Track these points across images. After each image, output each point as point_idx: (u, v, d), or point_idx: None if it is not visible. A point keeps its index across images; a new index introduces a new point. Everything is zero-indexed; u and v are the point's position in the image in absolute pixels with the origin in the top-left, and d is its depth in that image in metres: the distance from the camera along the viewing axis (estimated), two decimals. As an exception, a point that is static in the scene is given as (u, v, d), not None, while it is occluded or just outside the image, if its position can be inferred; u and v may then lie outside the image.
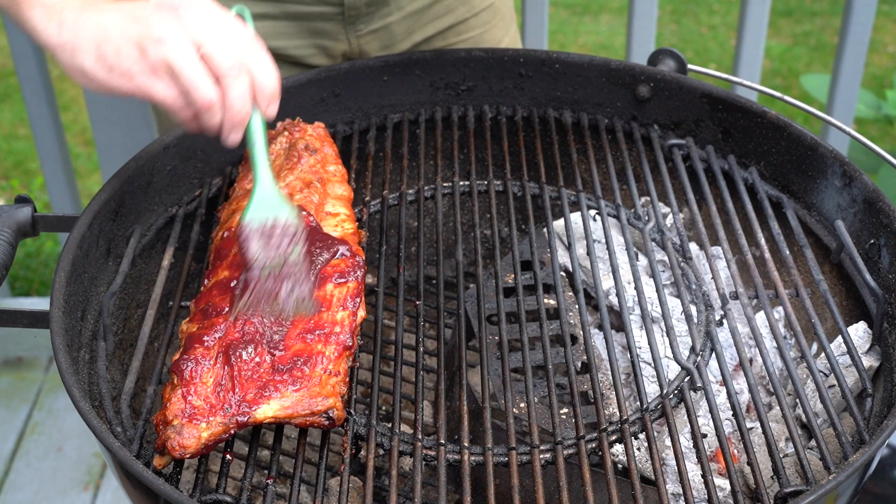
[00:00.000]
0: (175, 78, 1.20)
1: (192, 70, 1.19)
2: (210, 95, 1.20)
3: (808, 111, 1.71)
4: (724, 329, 1.43)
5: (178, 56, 1.19)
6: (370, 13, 1.79)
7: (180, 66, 1.19)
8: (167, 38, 1.19)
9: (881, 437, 1.17)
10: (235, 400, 1.17)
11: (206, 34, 1.20)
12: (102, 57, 1.20)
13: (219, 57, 1.20)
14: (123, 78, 1.21)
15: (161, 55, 1.19)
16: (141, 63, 1.20)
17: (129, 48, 1.19)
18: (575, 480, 1.21)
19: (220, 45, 1.20)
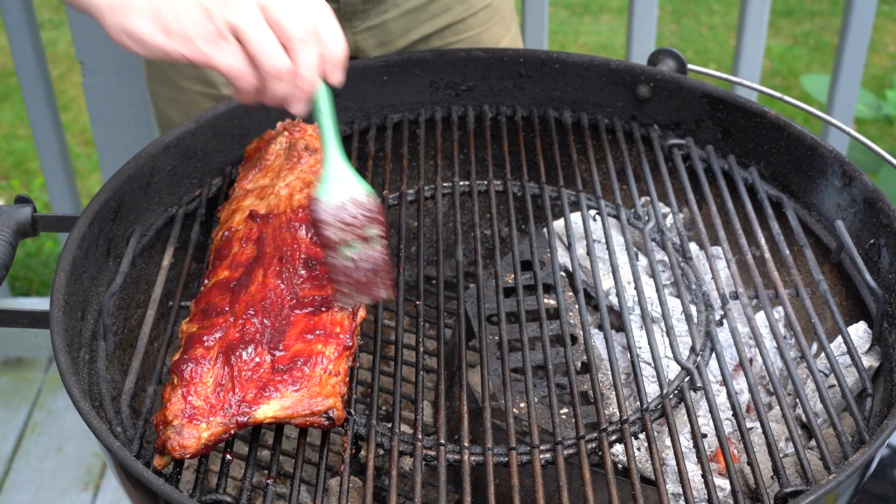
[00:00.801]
0: (243, 43, 1.12)
1: (262, 35, 1.11)
2: (282, 62, 1.12)
3: (808, 111, 1.71)
4: (724, 329, 1.43)
5: (246, 20, 1.11)
6: (366, 10, 1.79)
7: (249, 30, 1.11)
8: (234, 1, 1.11)
9: (881, 437, 1.17)
10: (235, 400, 1.17)
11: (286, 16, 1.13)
12: (160, 19, 1.12)
13: (289, 22, 1.12)
14: (183, 42, 1.12)
15: (228, 18, 1.10)
16: (204, 26, 1.11)
17: (191, 9, 1.11)
18: (575, 480, 1.21)
19: (290, 9, 1.12)
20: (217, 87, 1.81)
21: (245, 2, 1.11)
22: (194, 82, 1.83)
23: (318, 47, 1.14)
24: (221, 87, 1.81)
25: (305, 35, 1.13)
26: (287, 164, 1.45)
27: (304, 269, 1.30)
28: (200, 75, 1.81)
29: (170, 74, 1.86)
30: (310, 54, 1.14)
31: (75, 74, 4.41)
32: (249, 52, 1.12)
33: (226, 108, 1.60)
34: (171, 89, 1.90)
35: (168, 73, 1.86)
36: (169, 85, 1.90)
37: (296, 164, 1.45)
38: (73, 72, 4.56)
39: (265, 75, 1.13)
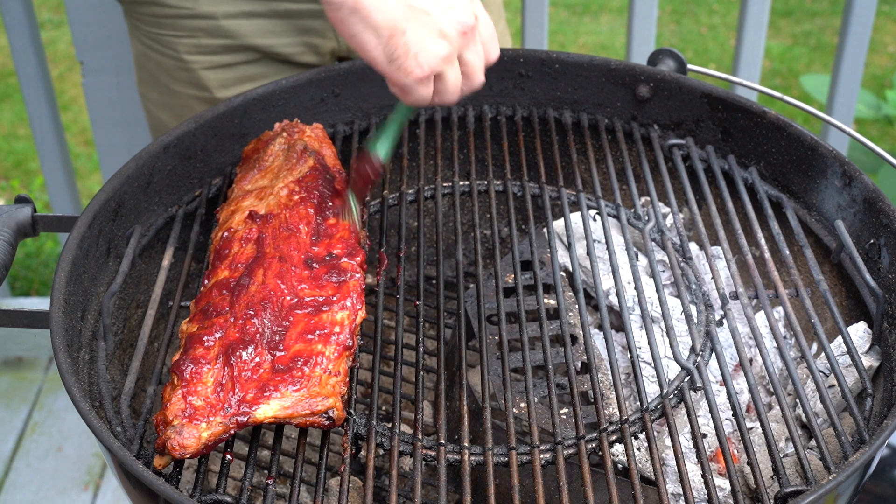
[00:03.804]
0: (438, 86, 1.27)
1: (454, 84, 1.28)
2: (455, 99, 1.29)
3: (808, 111, 1.71)
4: (724, 329, 1.43)
5: (450, 73, 1.26)
6: None
7: (448, 80, 1.27)
8: (450, 56, 1.25)
9: (881, 437, 1.17)
10: (235, 400, 1.17)
11: (474, 57, 1.28)
12: (391, 47, 1.24)
13: (475, 78, 1.29)
14: (399, 71, 1.25)
15: (439, 68, 1.25)
16: (422, 69, 1.24)
17: (420, 49, 1.23)
18: (575, 480, 1.21)
19: (479, 67, 1.29)
20: (210, 91, 1.81)
21: (455, 56, 1.26)
22: (187, 86, 1.83)
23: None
24: (214, 91, 1.81)
25: (479, 84, 1.30)
26: (286, 164, 1.45)
27: (304, 269, 1.30)
28: (192, 79, 1.81)
29: (161, 78, 1.86)
30: (470, 91, 1.31)
31: (75, 74, 4.41)
32: (437, 89, 1.28)
33: (226, 109, 1.60)
34: (163, 93, 1.89)
35: (159, 76, 1.86)
36: (161, 89, 1.89)
37: (295, 165, 1.45)
38: (73, 72, 4.56)
39: (433, 102, 1.29)
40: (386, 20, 1.23)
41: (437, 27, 1.24)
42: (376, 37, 1.24)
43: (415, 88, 1.26)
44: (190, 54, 1.79)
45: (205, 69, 1.80)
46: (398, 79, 1.26)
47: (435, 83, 1.27)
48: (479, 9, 1.29)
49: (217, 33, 1.76)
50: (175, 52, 1.79)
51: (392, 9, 1.23)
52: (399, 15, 1.23)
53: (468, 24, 1.26)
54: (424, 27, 1.23)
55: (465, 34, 1.26)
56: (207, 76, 1.80)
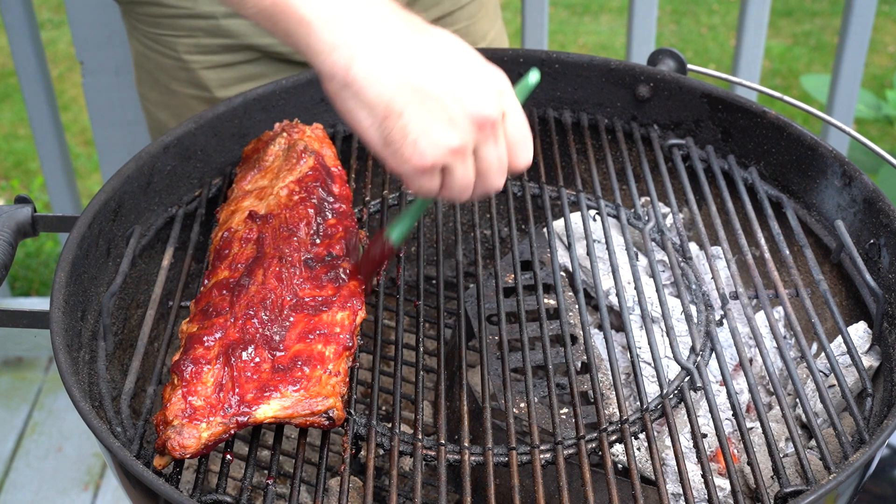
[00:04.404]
0: (445, 180, 1.11)
1: (466, 182, 1.12)
2: (466, 197, 1.14)
3: (808, 111, 1.71)
4: (724, 329, 1.43)
5: (460, 170, 1.10)
6: None
7: (457, 178, 1.11)
8: (462, 150, 1.08)
9: (881, 437, 1.17)
10: (235, 400, 1.17)
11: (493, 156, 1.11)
12: (386, 129, 1.07)
13: (491, 180, 1.13)
14: (395, 157, 1.09)
15: (446, 161, 1.09)
16: (423, 159, 1.08)
17: (422, 139, 1.07)
18: (575, 480, 1.21)
19: (499, 170, 1.12)
20: (210, 91, 1.81)
21: (468, 151, 1.09)
22: (186, 86, 1.83)
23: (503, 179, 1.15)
24: (214, 91, 1.81)
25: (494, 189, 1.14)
26: (286, 164, 1.45)
27: (304, 269, 1.30)
28: (192, 79, 1.81)
29: (160, 78, 1.86)
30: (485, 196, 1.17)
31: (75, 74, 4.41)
32: (444, 187, 1.12)
33: (226, 109, 1.60)
34: (163, 93, 1.89)
35: (159, 77, 1.86)
36: (160, 89, 1.89)
37: (295, 165, 1.45)
38: (73, 72, 4.56)
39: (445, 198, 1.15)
40: (380, 98, 1.06)
41: (446, 113, 1.07)
42: (370, 115, 1.07)
43: (416, 179, 1.10)
44: (189, 54, 1.79)
45: (204, 69, 1.80)
46: (395, 165, 1.10)
47: (443, 177, 1.11)
48: (510, 105, 1.12)
49: (216, 33, 1.76)
50: (174, 51, 1.79)
51: (389, 86, 1.06)
52: (397, 94, 1.06)
53: (487, 116, 1.08)
54: (429, 111, 1.06)
55: (481, 127, 1.08)
56: (207, 76, 1.80)
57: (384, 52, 1.06)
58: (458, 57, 1.10)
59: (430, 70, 1.07)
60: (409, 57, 1.07)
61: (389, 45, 1.07)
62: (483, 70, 1.11)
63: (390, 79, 1.06)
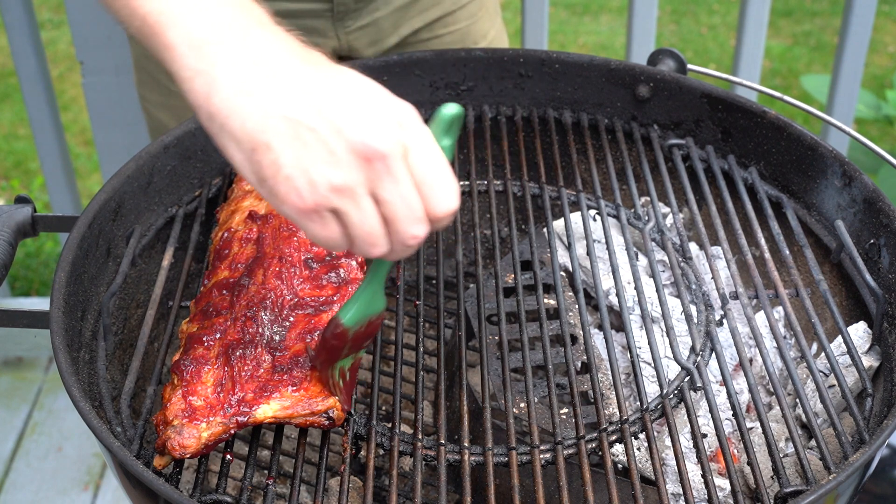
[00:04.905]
0: (342, 226, 0.96)
1: (369, 228, 0.95)
2: (382, 252, 0.97)
3: (808, 111, 1.71)
4: (724, 329, 1.43)
5: (354, 211, 0.94)
6: (359, 9, 1.79)
7: (354, 221, 0.95)
8: (349, 188, 0.93)
9: (881, 437, 1.17)
10: (235, 400, 1.17)
11: (396, 197, 0.94)
12: (256, 165, 0.94)
13: (402, 227, 0.95)
14: (273, 199, 0.95)
15: (333, 204, 0.94)
16: (303, 200, 0.94)
17: (296, 174, 0.93)
18: (575, 480, 1.21)
19: (407, 216, 0.95)
20: None
21: (360, 190, 0.94)
22: None
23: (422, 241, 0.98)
24: None
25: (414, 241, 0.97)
26: (287, 164, 1.45)
27: (304, 269, 1.30)
28: None
29: (161, 79, 1.85)
30: (412, 250, 0.99)
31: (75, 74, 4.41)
32: (345, 235, 0.97)
33: (226, 108, 1.60)
34: (163, 94, 1.89)
35: (159, 77, 1.86)
36: (160, 90, 1.89)
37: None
38: (73, 72, 4.56)
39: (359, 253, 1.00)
40: (243, 129, 0.93)
41: (324, 146, 0.92)
42: (239, 149, 0.94)
43: (303, 223, 0.95)
44: None
45: None
46: (276, 207, 0.96)
47: (341, 224, 0.96)
48: (416, 139, 0.95)
49: None
50: None
51: (253, 116, 0.93)
52: (264, 125, 0.92)
53: (374, 148, 0.92)
54: (303, 144, 0.92)
55: (368, 161, 0.92)
56: None
57: (250, 81, 0.94)
58: (347, 88, 0.95)
59: (306, 100, 0.94)
60: (282, 86, 0.94)
61: (258, 74, 0.94)
62: (379, 101, 0.96)
63: (255, 108, 0.93)
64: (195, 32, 0.96)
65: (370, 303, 1.14)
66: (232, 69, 0.94)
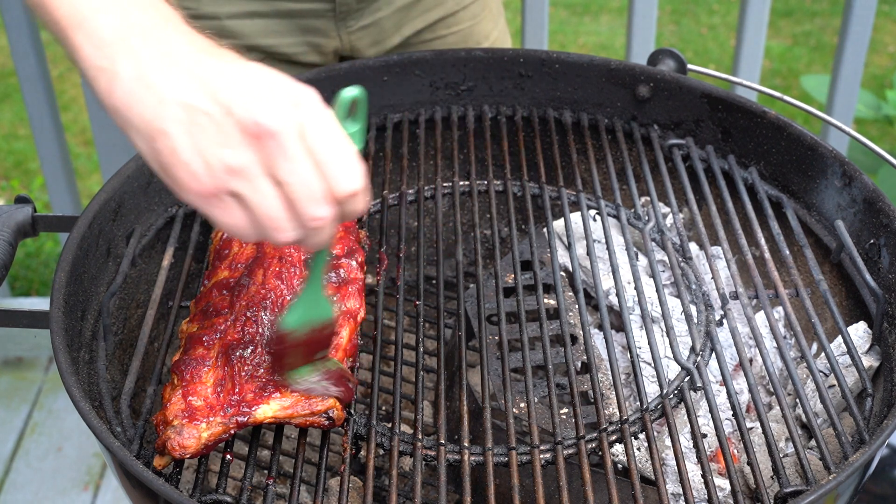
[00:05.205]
0: (245, 210, 0.96)
1: (270, 211, 0.95)
2: (288, 238, 0.97)
3: (808, 111, 1.71)
4: (724, 329, 1.43)
5: (252, 193, 0.94)
6: (361, 9, 1.79)
7: (254, 203, 0.95)
8: (243, 170, 0.93)
9: (881, 437, 1.17)
10: (235, 400, 1.17)
11: (294, 177, 0.94)
12: (156, 153, 0.96)
13: (304, 208, 0.95)
14: (175, 186, 0.96)
15: (230, 186, 0.94)
16: (202, 184, 0.94)
17: (193, 159, 0.94)
18: (575, 480, 1.21)
19: (308, 196, 0.94)
20: None
21: (255, 171, 0.94)
22: None
23: (333, 226, 0.99)
24: None
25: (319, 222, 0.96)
26: (287, 164, 1.45)
27: (304, 269, 1.30)
28: None
29: None
30: (322, 236, 0.98)
31: (75, 74, 4.41)
32: (250, 219, 0.96)
33: (226, 108, 1.60)
34: None
35: None
36: None
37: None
38: (73, 72, 4.56)
39: (268, 240, 0.99)
40: (142, 118, 0.95)
41: (217, 128, 0.93)
42: (142, 140, 0.96)
43: (205, 209, 0.96)
44: None
45: None
46: (180, 195, 0.97)
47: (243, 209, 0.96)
48: (312, 118, 0.95)
49: (220, 34, 1.76)
50: None
51: (150, 105, 0.94)
52: (161, 112, 0.94)
53: (264, 125, 0.92)
54: (199, 128, 0.93)
55: (258, 138, 0.92)
56: None
57: (149, 73, 0.95)
58: (244, 74, 0.96)
59: (202, 86, 0.94)
60: (179, 75, 0.95)
61: (157, 66, 0.96)
62: (275, 84, 0.96)
63: (152, 97, 0.95)
64: (100, 32, 0.98)
65: (311, 306, 1.13)
66: (132, 64, 0.96)
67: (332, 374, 1.20)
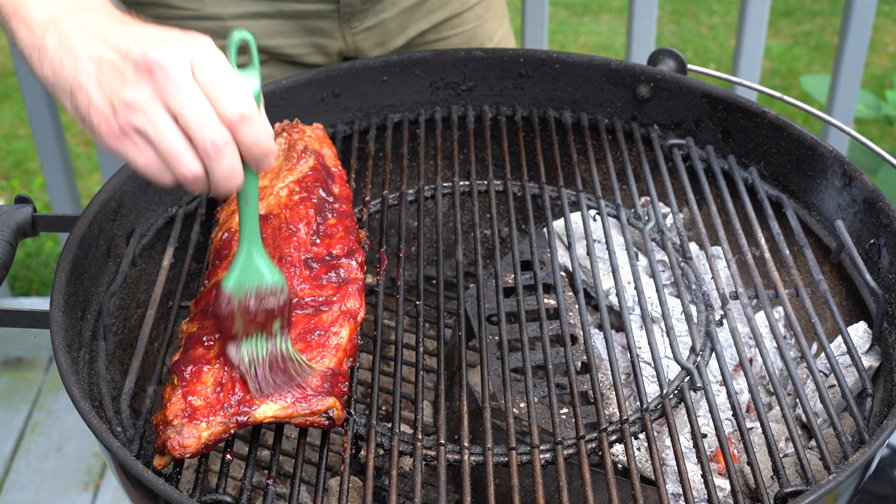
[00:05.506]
0: (151, 146, 1.06)
1: (169, 142, 1.04)
2: (192, 169, 1.05)
3: (808, 111, 1.71)
4: (724, 329, 1.43)
5: (150, 126, 1.04)
6: (365, 10, 1.79)
7: (154, 136, 1.05)
8: (139, 103, 1.04)
9: (881, 437, 1.17)
10: (235, 400, 1.17)
11: (185, 104, 1.03)
12: (76, 106, 1.08)
13: (198, 134, 1.04)
14: (94, 134, 1.07)
15: (131, 121, 1.04)
16: (110, 124, 1.05)
17: (101, 102, 1.05)
18: (575, 480, 1.21)
19: (200, 119, 1.04)
20: None
21: (151, 104, 1.04)
22: None
23: (232, 152, 1.06)
24: None
25: (215, 147, 1.04)
26: (286, 164, 1.45)
27: (304, 269, 1.30)
28: None
29: None
30: (223, 163, 1.05)
31: (75, 74, 4.40)
32: (157, 154, 1.06)
33: (226, 108, 1.60)
34: None
35: None
36: None
37: (295, 165, 1.45)
38: (73, 72, 4.55)
39: (177, 178, 1.07)
40: (64, 79, 1.08)
41: (117, 71, 1.05)
42: (67, 100, 1.08)
43: (121, 152, 1.06)
44: None
45: None
46: (98, 140, 1.07)
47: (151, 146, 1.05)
48: (201, 54, 1.06)
49: (224, 34, 1.75)
50: None
51: (69, 66, 1.08)
52: (77, 70, 1.07)
53: (151, 59, 1.03)
54: (105, 75, 1.05)
55: (149, 72, 1.03)
56: None
57: (67, 40, 1.09)
58: (144, 29, 1.10)
59: (108, 43, 1.07)
60: (91, 38, 1.08)
61: (77, 35, 1.09)
62: (171, 33, 1.09)
63: (70, 59, 1.08)
64: (32, 16, 1.12)
65: (247, 269, 1.15)
66: (57, 37, 1.10)
67: (285, 364, 1.17)
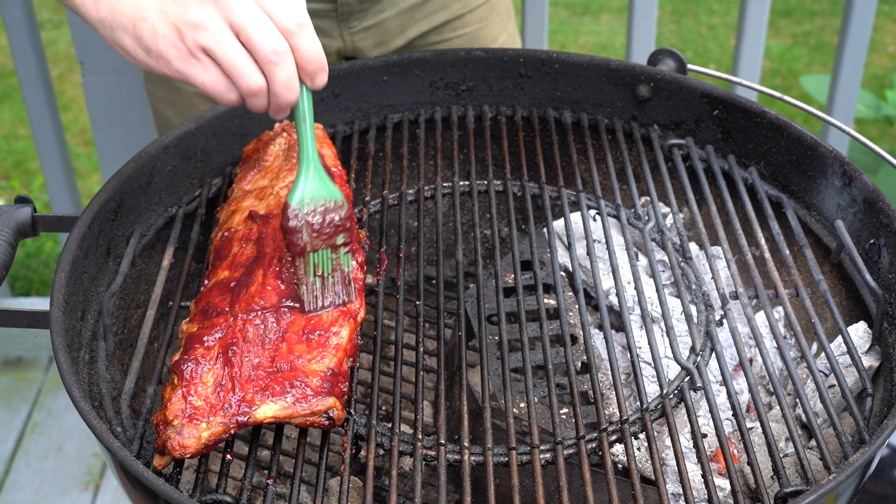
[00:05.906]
0: (216, 63, 1.16)
1: (233, 56, 1.15)
2: (255, 82, 1.16)
3: (808, 111, 1.71)
4: (724, 329, 1.43)
5: (215, 42, 1.14)
6: (364, 10, 1.79)
7: (220, 52, 1.15)
8: (203, 23, 1.13)
9: (881, 437, 1.17)
10: (235, 400, 1.17)
11: (246, 18, 1.14)
12: (140, 38, 1.17)
13: (260, 44, 1.14)
14: (161, 61, 1.17)
15: (198, 41, 1.14)
16: (178, 47, 1.15)
17: (166, 30, 1.15)
18: (575, 480, 1.21)
19: (260, 31, 1.14)
20: None
21: (215, 24, 1.14)
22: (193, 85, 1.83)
23: (291, 62, 1.16)
24: None
25: (276, 56, 1.15)
26: (286, 164, 1.45)
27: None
28: None
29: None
30: (283, 72, 1.16)
31: (75, 74, 4.41)
32: (223, 71, 1.16)
33: (226, 109, 1.60)
34: (169, 91, 1.89)
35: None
36: (166, 86, 1.89)
37: (295, 165, 1.45)
38: (73, 72, 4.57)
39: (241, 92, 1.17)
40: (125, 14, 1.17)
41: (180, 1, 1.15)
42: (127, 35, 1.18)
43: (189, 74, 1.17)
44: None
45: None
46: (167, 71, 1.17)
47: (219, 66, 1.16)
48: None
49: None
50: None
51: (127, 3, 1.17)
52: (141, 3, 1.17)
53: None
54: (167, 4, 1.15)
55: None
56: None
57: None
58: None
59: None
60: None
61: None
62: None
63: None
64: None
65: (308, 183, 1.22)
66: None
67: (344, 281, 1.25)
